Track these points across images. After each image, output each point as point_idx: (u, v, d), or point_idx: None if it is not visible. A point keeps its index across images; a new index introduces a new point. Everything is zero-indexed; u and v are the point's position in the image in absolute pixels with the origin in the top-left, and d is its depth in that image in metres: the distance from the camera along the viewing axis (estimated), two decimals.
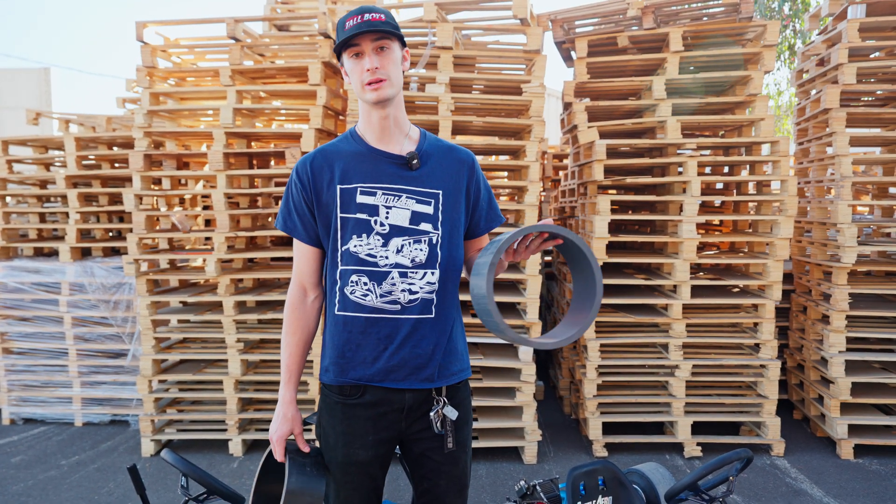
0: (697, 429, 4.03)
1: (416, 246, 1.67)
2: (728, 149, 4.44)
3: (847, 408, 3.99)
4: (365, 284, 1.66)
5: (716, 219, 4.80)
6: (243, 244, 4.22)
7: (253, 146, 4.37)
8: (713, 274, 4.30)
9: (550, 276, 5.88)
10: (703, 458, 3.90)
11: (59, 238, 4.92)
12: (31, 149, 5.02)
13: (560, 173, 6.44)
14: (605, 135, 4.28)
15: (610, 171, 4.63)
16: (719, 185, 4.96)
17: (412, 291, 1.66)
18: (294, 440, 1.74)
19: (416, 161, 1.69)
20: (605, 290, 4.04)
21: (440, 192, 1.70)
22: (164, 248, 4.61)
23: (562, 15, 4.23)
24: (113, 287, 4.45)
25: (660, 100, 3.99)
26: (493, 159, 5.30)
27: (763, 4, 11.87)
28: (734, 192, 4.58)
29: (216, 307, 4.24)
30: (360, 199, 1.66)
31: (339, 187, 1.67)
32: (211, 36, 4.34)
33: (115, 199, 4.82)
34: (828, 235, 4.27)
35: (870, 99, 4.60)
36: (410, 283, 1.66)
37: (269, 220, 4.52)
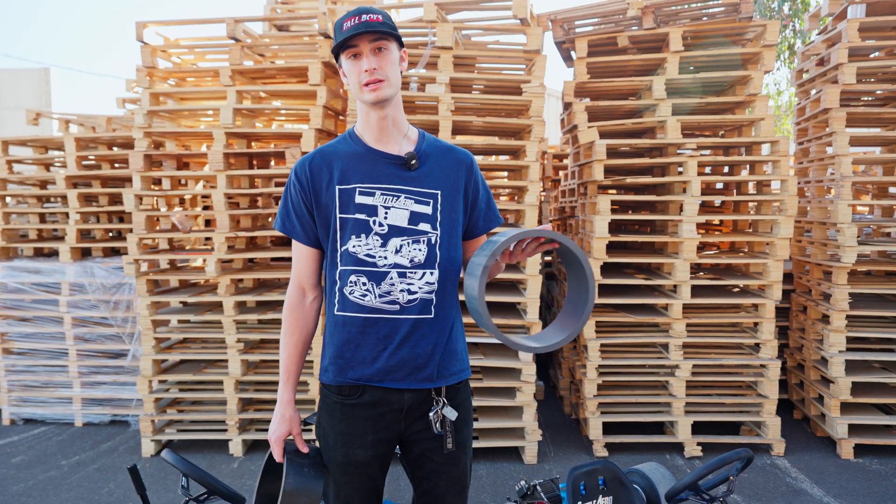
0: (698, 428, 4.03)
1: (414, 246, 1.67)
2: (728, 149, 4.44)
3: (847, 407, 3.99)
4: (364, 284, 1.66)
5: (716, 219, 4.80)
6: (243, 244, 4.22)
7: (253, 146, 4.38)
8: (713, 274, 4.30)
9: (550, 276, 5.88)
10: (703, 458, 3.90)
11: (59, 238, 4.92)
12: (31, 149, 5.03)
13: (560, 173, 6.44)
14: (605, 135, 4.28)
15: (610, 170, 4.63)
16: (719, 185, 4.96)
17: (411, 291, 1.66)
18: (293, 440, 1.74)
19: (414, 161, 1.69)
20: (605, 290, 4.06)
21: (439, 192, 1.70)
22: (165, 249, 4.61)
23: (562, 15, 4.23)
24: (113, 287, 4.45)
25: (660, 100, 3.99)
26: (494, 159, 5.30)
27: (763, 4, 11.86)
28: (734, 191, 4.58)
29: (216, 307, 4.24)
30: (358, 199, 1.66)
31: (337, 188, 1.67)
32: (211, 36, 4.34)
33: (116, 200, 4.82)
34: (828, 235, 4.27)
35: (870, 99, 4.60)
36: (409, 284, 1.66)
37: (270, 220, 4.52)
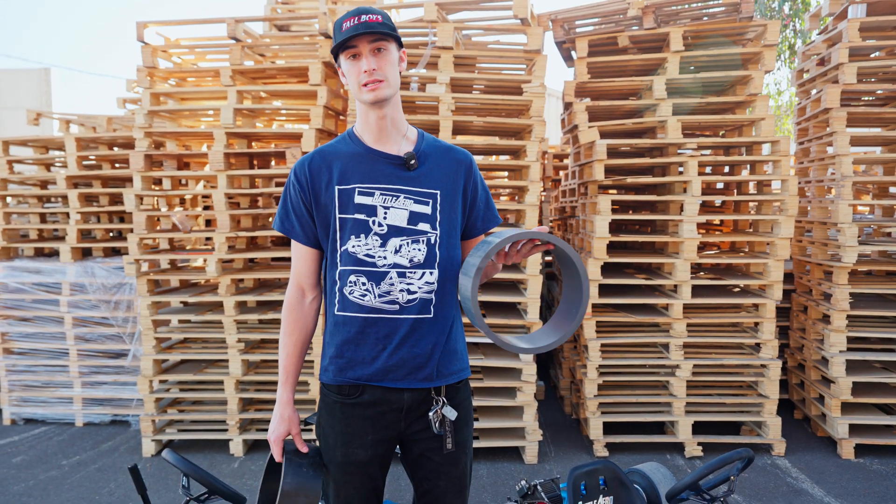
0: (698, 428, 4.03)
1: (414, 246, 1.67)
2: (728, 148, 4.44)
3: (848, 407, 3.99)
4: (363, 284, 1.66)
5: (716, 218, 4.80)
6: (244, 244, 4.22)
7: (253, 146, 4.38)
8: (714, 274, 4.30)
9: (551, 276, 5.88)
10: (703, 458, 3.90)
11: (60, 238, 4.93)
12: (31, 149, 5.03)
13: (560, 173, 6.44)
14: (605, 134, 4.28)
15: (610, 170, 4.63)
16: (720, 185, 4.96)
17: (411, 291, 1.66)
18: (293, 440, 1.74)
19: (413, 161, 1.69)
20: (606, 290, 4.06)
21: (438, 192, 1.70)
22: (165, 249, 4.61)
23: (562, 15, 4.23)
24: (114, 287, 4.45)
25: (660, 99, 3.98)
26: (494, 159, 5.29)
27: (763, 4, 11.85)
28: (735, 191, 4.58)
29: (217, 307, 4.25)
30: (358, 199, 1.66)
31: (337, 188, 1.67)
32: (211, 36, 4.34)
33: (116, 200, 4.83)
34: (828, 235, 4.27)
35: (870, 98, 4.60)
36: (409, 283, 1.66)
37: (270, 220, 4.52)
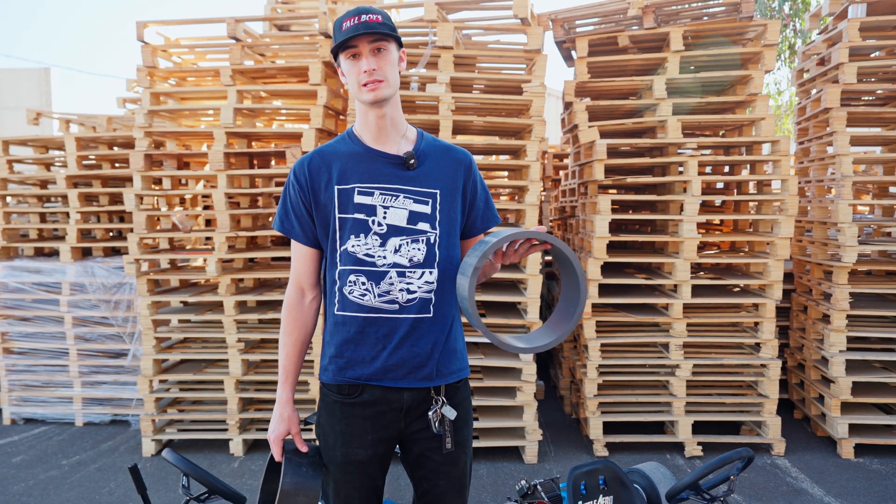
0: (698, 428, 4.03)
1: (413, 245, 1.67)
2: (728, 148, 4.43)
3: (848, 407, 3.99)
4: (363, 284, 1.66)
5: (716, 218, 4.79)
6: (244, 244, 4.22)
7: (253, 146, 4.38)
8: (714, 273, 4.30)
9: (551, 276, 5.88)
10: (703, 458, 3.90)
11: (60, 238, 4.93)
12: (31, 149, 5.03)
13: (560, 173, 6.44)
14: (605, 134, 4.28)
15: (610, 170, 4.63)
16: (720, 185, 4.96)
17: (410, 291, 1.66)
18: (292, 440, 1.74)
19: (413, 161, 1.69)
20: (606, 290, 4.06)
21: (437, 191, 1.70)
22: (165, 248, 4.61)
23: (562, 14, 4.23)
24: (113, 287, 4.45)
25: (660, 99, 3.98)
26: (494, 159, 5.29)
27: (763, 4, 11.85)
28: (735, 191, 4.58)
29: (217, 307, 4.25)
30: (357, 199, 1.66)
31: (336, 188, 1.67)
32: (211, 36, 4.34)
33: (116, 199, 4.83)
34: (828, 235, 4.27)
35: (870, 98, 4.59)
36: (409, 283, 1.66)
37: (270, 219, 4.52)
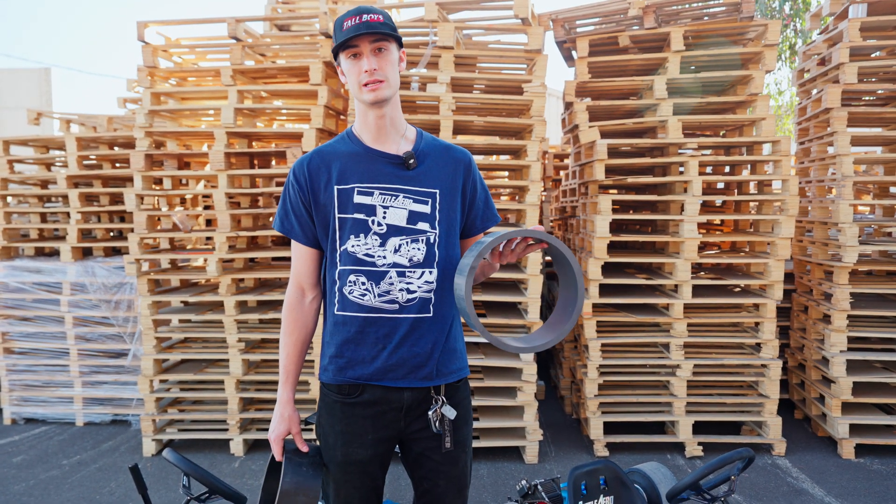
0: (698, 428, 4.03)
1: (413, 245, 1.67)
2: (729, 148, 4.43)
3: (848, 407, 3.98)
4: (363, 284, 1.66)
5: (717, 218, 4.79)
6: (244, 244, 4.22)
7: (254, 146, 4.38)
8: (714, 273, 4.30)
9: (551, 276, 5.88)
10: (704, 458, 3.90)
11: (61, 238, 4.93)
12: (32, 149, 5.03)
13: (561, 173, 6.44)
14: (606, 134, 4.28)
15: (611, 170, 4.62)
16: (720, 185, 4.95)
17: (410, 291, 1.66)
18: (293, 440, 1.74)
19: (412, 161, 1.69)
20: (606, 290, 4.06)
21: (437, 191, 1.70)
22: (166, 248, 4.61)
23: (563, 14, 4.23)
24: (114, 287, 4.45)
25: (661, 99, 3.98)
26: (494, 159, 5.29)
27: (764, 4, 11.85)
28: (735, 191, 4.58)
29: (217, 307, 4.25)
30: (357, 199, 1.66)
31: (336, 188, 1.67)
32: (212, 36, 4.34)
33: (117, 199, 4.83)
34: (829, 235, 4.27)
35: (871, 98, 4.59)
36: (408, 283, 1.66)
37: (270, 219, 4.52)
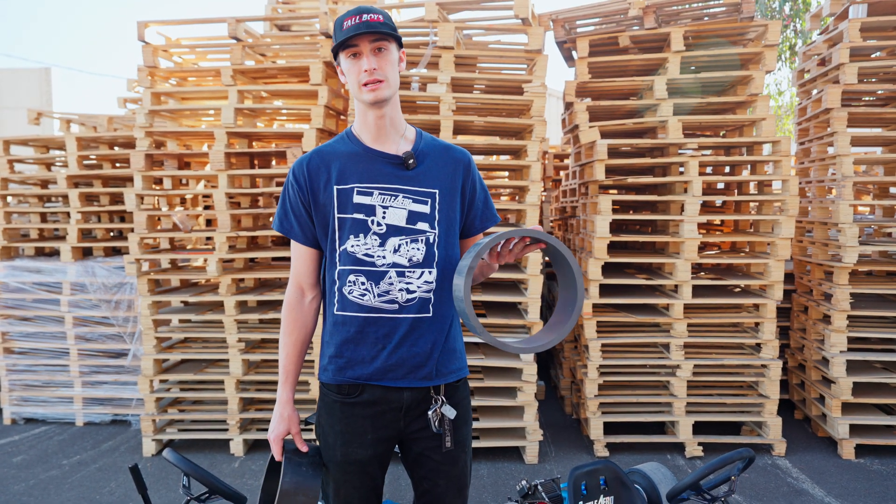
0: (699, 429, 4.03)
1: (413, 245, 1.67)
2: (729, 148, 4.43)
3: (848, 408, 3.98)
4: (363, 284, 1.66)
5: (717, 218, 4.79)
6: (244, 244, 4.22)
7: (254, 146, 4.38)
8: (714, 274, 4.30)
9: (551, 276, 5.88)
10: (704, 458, 3.90)
11: (61, 238, 4.93)
12: (32, 149, 5.03)
13: (561, 173, 6.44)
14: (606, 134, 4.28)
15: (611, 170, 4.62)
16: (720, 185, 4.95)
17: (410, 291, 1.66)
18: (292, 440, 1.74)
19: (412, 161, 1.69)
20: (606, 290, 4.06)
21: (436, 191, 1.70)
22: (166, 248, 4.61)
23: (563, 15, 4.23)
24: (114, 287, 4.45)
25: (661, 99, 3.98)
26: (495, 159, 5.29)
27: (764, 4, 11.86)
28: (735, 191, 4.58)
29: (217, 307, 4.25)
30: (356, 199, 1.66)
31: (335, 188, 1.67)
32: (212, 36, 4.34)
33: (117, 199, 4.83)
34: (829, 235, 4.27)
35: (871, 99, 4.59)
36: (408, 283, 1.66)
37: (271, 219, 4.52)
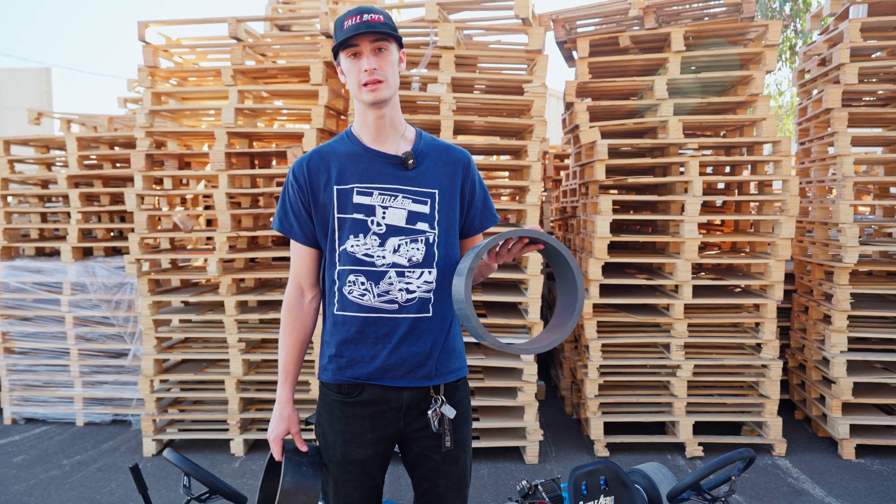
0: (699, 429, 4.03)
1: (412, 245, 1.67)
2: (730, 149, 4.43)
3: (849, 408, 3.98)
4: (362, 284, 1.66)
5: (717, 219, 4.79)
6: (245, 244, 4.22)
7: (255, 146, 4.38)
8: (715, 274, 4.30)
9: (552, 276, 5.88)
10: (704, 458, 3.90)
11: (61, 238, 4.93)
12: (32, 149, 5.03)
13: (561, 173, 6.44)
14: (606, 135, 4.28)
15: (611, 170, 4.62)
16: (721, 185, 4.95)
17: (409, 290, 1.66)
18: (292, 439, 1.75)
19: (411, 161, 1.69)
20: (607, 290, 4.06)
21: (436, 191, 1.71)
22: (166, 248, 4.61)
23: (563, 15, 4.23)
24: (114, 287, 4.45)
25: (661, 99, 3.98)
26: (495, 159, 5.30)
27: (764, 4, 11.86)
28: (736, 191, 4.58)
29: (218, 307, 4.25)
30: (356, 199, 1.66)
31: (335, 188, 1.67)
32: (213, 36, 4.34)
33: (117, 199, 4.83)
34: (829, 235, 4.26)
35: (871, 99, 4.59)
36: (408, 283, 1.66)
37: (271, 219, 4.50)
